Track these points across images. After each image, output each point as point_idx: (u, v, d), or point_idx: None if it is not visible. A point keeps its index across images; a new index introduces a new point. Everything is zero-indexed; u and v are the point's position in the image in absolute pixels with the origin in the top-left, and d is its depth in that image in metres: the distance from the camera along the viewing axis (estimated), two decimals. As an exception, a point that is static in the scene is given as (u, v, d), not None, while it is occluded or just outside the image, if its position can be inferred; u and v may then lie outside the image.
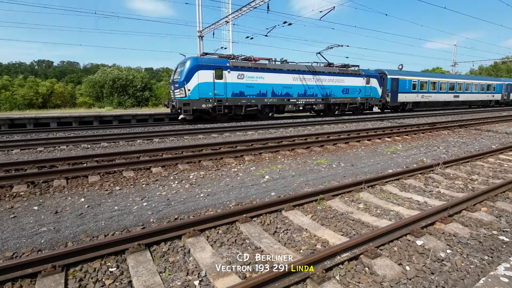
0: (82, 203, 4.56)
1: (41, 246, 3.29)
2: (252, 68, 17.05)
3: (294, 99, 18.67)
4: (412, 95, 25.65)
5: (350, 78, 21.23)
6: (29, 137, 10.87)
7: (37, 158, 7.39)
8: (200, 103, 15.55)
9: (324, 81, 19.83)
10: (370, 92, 22.47)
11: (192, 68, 15.32)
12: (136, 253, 3.03)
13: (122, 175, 5.91)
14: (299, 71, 18.72)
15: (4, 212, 4.19)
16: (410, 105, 25.92)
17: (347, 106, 21.61)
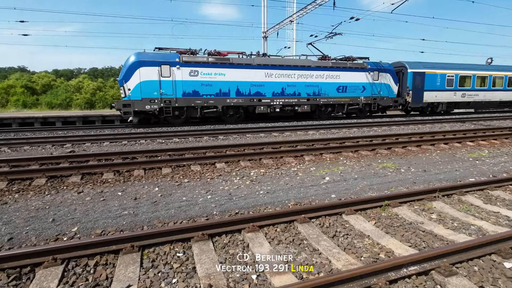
0: (156, 192, 5.08)
1: (123, 227, 3.78)
2: (209, 64, 14.78)
3: (268, 99, 15.98)
4: (446, 94, 20.12)
5: (348, 73, 17.41)
6: (116, 132, 12.52)
7: (122, 150, 8.47)
8: (143, 104, 13.89)
9: (310, 77, 16.61)
10: (379, 90, 18.19)
11: (133, 64, 13.62)
12: (200, 242, 3.27)
13: (190, 169, 6.40)
14: (274, 66, 15.94)
15: (96, 195, 4.92)
16: (444, 106, 20.64)
17: (344, 107, 17.85)
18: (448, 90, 20.18)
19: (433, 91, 19.70)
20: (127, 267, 2.85)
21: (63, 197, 4.84)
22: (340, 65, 17.35)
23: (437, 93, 19.83)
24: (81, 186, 5.39)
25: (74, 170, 5.94)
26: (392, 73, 18.59)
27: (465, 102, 21.14)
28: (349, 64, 17.63)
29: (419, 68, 19.29)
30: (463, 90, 20.74)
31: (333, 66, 17.18)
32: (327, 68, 17.00)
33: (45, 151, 8.65)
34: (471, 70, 21.02)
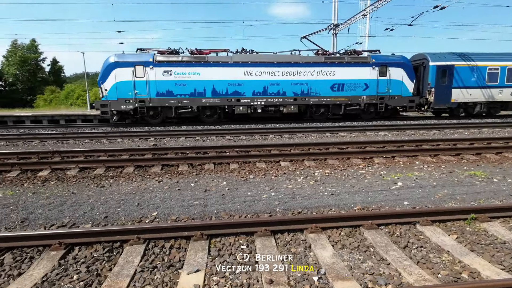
0: (224, 185, 5.40)
1: (194, 216, 4.13)
2: (182, 63, 14.56)
3: (247, 98, 15.11)
4: (487, 91, 16.10)
5: (346, 69, 15.28)
6: (190, 128, 13.65)
7: (195, 145, 9.20)
8: (119, 104, 14.36)
9: (298, 75, 15.15)
10: (388, 88, 15.56)
11: (108, 66, 14.20)
12: (263, 237, 3.37)
13: (256, 166, 6.61)
14: (254, 63, 14.90)
15: (173, 185, 5.47)
16: (484, 106, 16.42)
17: (341, 108, 15.81)
18: (490, 86, 16.13)
19: (466, 88, 15.97)
20: (196, 253, 3.11)
21: (146, 185, 5.51)
22: (335, 60, 15.44)
23: (472, 90, 16.06)
24: (161, 176, 6.05)
25: (156, 161, 6.70)
26: (406, 67, 15.70)
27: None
28: (348, 58, 15.52)
29: (446, 60, 15.92)
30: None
31: (326, 61, 15.36)
32: (319, 63, 15.25)
33: (134, 143, 9.95)
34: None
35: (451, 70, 15.88)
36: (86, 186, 5.47)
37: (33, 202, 4.68)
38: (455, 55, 16.33)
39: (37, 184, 5.62)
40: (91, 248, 3.24)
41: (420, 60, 16.63)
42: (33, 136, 11.20)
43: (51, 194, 5.05)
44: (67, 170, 6.31)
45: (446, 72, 15.88)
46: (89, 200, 4.76)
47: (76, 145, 9.70)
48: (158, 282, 2.69)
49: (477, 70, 16.03)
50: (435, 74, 15.82)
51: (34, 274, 2.81)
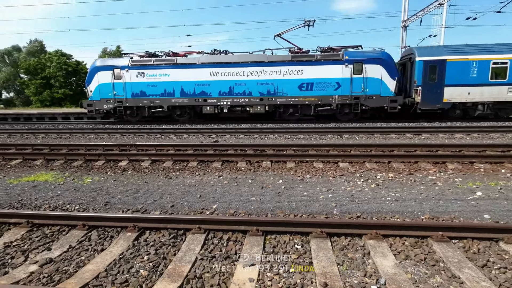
0: (280, 184, 5.44)
1: (250, 211, 4.26)
2: (154, 66, 15.37)
3: (214, 99, 15.28)
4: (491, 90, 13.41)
5: (315, 68, 14.28)
6: (250, 126, 14.03)
7: (254, 143, 9.44)
8: (102, 104, 15.89)
9: (263, 74, 14.71)
10: (364, 87, 14.14)
11: (92, 70, 15.81)
12: (318, 239, 3.31)
13: (313, 165, 6.50)
14: (220, 64, 14.96)
15: (232, 180, 5.72)
16: (488, 107, 13.65)
17: (311, 108, 14.82)
18: (496, 84, 13.34)
19: (463, 86, 13.57)
20: (252, 248, 3.21)
21: (207, 178, 5.86)
22: (303, 59, 14.58)
23: (471, 88, 13.55)
24: (221, 171, 6.37)
25: (217, 157, 7.07)
26: (385, 64, 14.02)
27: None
28: (318, 56, 14.55)
29: (436, 54, 13.67)
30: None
31: (293, 60, 14.63)
32: (286, 62, 14.61)
33: (197, 139, 10.65)
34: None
35: (443, 65, 13.66)
36: (157, 177, 6.05)
37: (114, 188, 5.38)
38: (448, 48, 14.14)
39: (118, 173, 6.42)
40: (159, 233, 3.60)
41: (408, 55, 14.82)
42: (115, 130, 12.81)
43: (128, 182, 5.73)
44: (141, 162, 7.07)
45: (436, 68, 13.74)
46: (159, 189, 5.26)
47: (149, 140, 10.79)
48: (216, 271, 2.85)
49: (478, 65, 13.47)
50: (422, 71, 13.89)
51: (113, 251, 3.23)
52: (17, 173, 6.58)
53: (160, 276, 2.78)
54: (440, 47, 14.71)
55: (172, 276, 2.74)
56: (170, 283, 2.64)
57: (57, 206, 4.58)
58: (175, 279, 2.70)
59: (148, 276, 2.79)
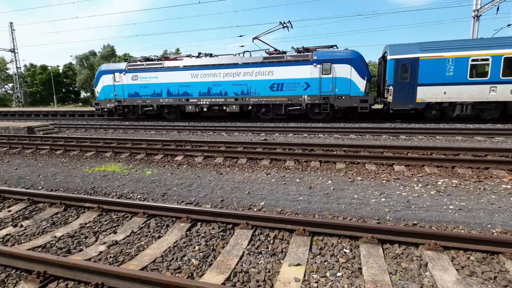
0: (329, 185, 5.31)
1: (297, 211, 4.23)
2: (145, 69, 17.12)
3: (195, 99, 16.62)
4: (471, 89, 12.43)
5: (285, 68, 14.84)
6: (299, 125, 13.90)
7: (302, 142, 9.33)
8: (105, 103, 18.37)
9: (238, 76, 15.63)
10: (333, 87, 14.38)
11: (98, 73, 18.40)
12: (369, 244, 3.16)
13: (365, 167, 6.20)
14: (199, 66, 16.28)
15: (280, 179, 5.74)
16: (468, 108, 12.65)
17: (282, 108, 15.46)
18: (476, 82, 12.51)
19: (438, 85, 12.92)
20: (298, 247, 3.20)
21: (256, 176, 5.97)
22: (273, 60, 15.12)
23: (447, 87, 12.83)
24: (269, 169, 6.44)
25: (265, 155, 7.16)
26: (355, 63, 13.98)
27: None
28: (287, 57, 14.96)
29: (408, 52, 13.16)
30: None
31: (264, 61, 15.23)
32: (257, 64, 15.24)
33: (247, 137, 10.89)
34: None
35: (415, 64, 13.04)
36: (208, 172, 6.36)
37: (171, 181, 5.79)
38: (423, 45, 13.30)
39: (174, 167, 6.90)
40: (209, 226, 3.78)
41: (383, 54, 14.20)
42: (172, 127, 13.74)
43: (183, 176, 6.12)
44: (195, 157, 7.49)
45: (408, 67, 13.17)
46: (210, 184, 5.53)
47: (203, 137, 11.36)
48: (261, 267, 2.91)
49: (455, 62, 12.58)
50: (394, 70, 13.36)
51: (168, 239, 3.49)
52: (91, 163, 7.47)
53: (209, 267, 2.93)
54: (414, 44, 13.67)
55: (220, 268, 2.87)
56: (218, 274, 2.77)
57: (123, 194, 5.11)
58: (223, 271, 2.82)
59: (198, 265, 2.97)
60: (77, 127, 15.27)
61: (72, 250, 3.33)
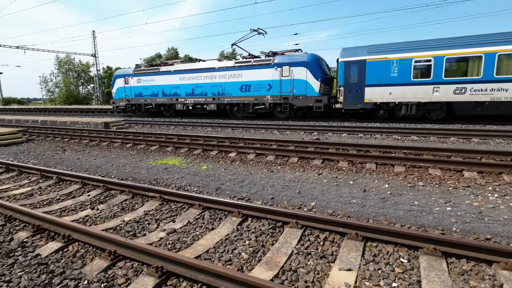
0: (385, 189, 4.99)
1: (350, 214, 4.08)
2: (146, 73, 20.25)
3: (183, 98, 18.98)
4: (414, 89, 12.74)
5: (252, 71, 16.40)
6: (354, 125, 13.30)
7: (357, 142, 8.92)
8: (119, 102, 22.21)
9: (215, 78, 17.71)
10: (291, 88, 15.39)
11: (114, 77, 22.47)
12: (430, 256, 2.90)
13: (428, 172, 5.68)
14: (186, 70, 18.73)
15: (332, 180, 5.58)
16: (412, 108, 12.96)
17: (250, 107, 17.04)
18: (419, 83, 12.65)
19: (384, 86, 13.20)
20: (349, 252, 3.09)
21: (307, 175, 5.90)
22: (242, 64, 16.94)
23: (392, 88, 13.09)
24: (321, 169, 6.30)
25: (317, 154, 7.02)
26: (310, 66, 15.08)
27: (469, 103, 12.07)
28: (253, 61, 16.70)
29: (357, 55, 13.75)
30: (460, 83, 11.93)
31: (235, 65, 17.06)
32: (229, 68, 17.13)
33: (299, 136, 10.79)
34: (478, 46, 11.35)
35: (362, 65, 13.79)
36: (260, 169, 6.48)
37: (224, 176, 6.05)
38: (371, 48, 13.97)
39: (228, 163, 7.18)
40: (259, 222, 3.87)
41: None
42: (227, 125, 14.28)
43: (235, 172, 6.34)
44: (247, 154, 7.69)
45: (356, 69, 13.92)
46: (261, 181, 5.63)
47: (255, 134, 11.58)
48: (310, 268, 2.88)
49: (399, 64, 13.12)
50: (344, 71, 14.25)
51: (221, 232, 3.67)
52: (155, 156, 8.18)
53: (258, 262, 3.00)
54: (364, 47, 14.23)
55: (269, 264, 2.92)
56: (267, 270, 2.82)
57: (181, 186, 5.50)
58: (271, 268, 2.87)
59: (248, 259, 3.06)
60: (144, 123, 16.83)
61: (137, 234, 3.70)
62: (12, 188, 5.66)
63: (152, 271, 2.74)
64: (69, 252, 3.28)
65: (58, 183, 5.81)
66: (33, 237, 3.63)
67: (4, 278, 2.80)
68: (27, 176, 6.35)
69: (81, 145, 10.35)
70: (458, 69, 12.43)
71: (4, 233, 3.77)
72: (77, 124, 15.74)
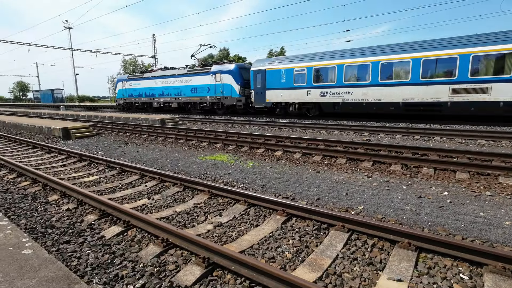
0: (444, 196, 4.56)
1: (402, 221, 3.82)
2: (135, 78, 27.35)
3: (157, 98, 25.27)
4: (296, 92, 16.71)
5: (198, 77, 21.62)
6: (409, 126, 12.36)
7: (413, 145, 8.28)
8: (120, 101, 29.22)
9: (176, 83, 23.26)
10: (222, 90, 20.18)
11: (116, 81, 29.85)
12: (497, 275, 2.59)
13: (497, 180, 5.05)
14: (158, 76, 24.90)
15: (382, 183, 5.28)
16: (295, 107, 17.19)
17: (197, 105, 22.43)
18: (298, 87, 16.61)
19: (277, 89, 17.40)
20: (400, 261, 2.90)
21: (355, 178, 5.66)
22: (192, 71, 22.29)
23: (282, 91, 17.25)
24: (371, 171, 6.00)
25: (367, 156, 6.69)
26: (233, 73, 19.56)
27: (329, 103, 15.87)
28: (198, 69, 22.02)
29: (260, 65, 18.14)
30: (324, 87, 15.73)
31: (187, 72, 22.54)
32: (184, 74, 22.79)
33: (348, 136, 10.38)
34: (336, 59, 15.29)
35: (263, 74, 17.82)
36: (306, 169, 6.40)
37: (270, 174, 6.10)
38: (270, 60, 18.67)
39: (273, 161, 7.22)
40: (304, 222, 3.83)
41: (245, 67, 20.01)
42: (274, 124, 14.33)
43: (281, 171, 6.35)
44: (293, 153, 7.64)
45: (260, 76, 17.98)
46: (307, 181, 5.56)
47: (302, 134, 11.44)
48: (356, 274, 2.77)
49: (286, 72, 16.98)
50: (253, 78, 18.40)
51: (265, 229, 3.72)
52: (205, 152, 8.58)
53: (301, 262, 2.98)
54: (267, 59, 19.29)
55: (312, 266, 2.89)
56: (310, 272, 2.79)
57: (228, 182, 5.69)
58: (315, 269, 2.83)
59: (291, 259, 3.06)
60: (196, 120, 17.73)
61: (187, 224, 3.94)
62: (83, 176, 6.42)
63: (199, 261, 2.90)
64: (128, 236, 3.63)
65: (121, 173, 6.43)
66: (99, 220, 4.08)
67: (75, 254, 3.20)
68: (96, 166, 7.15)
69: (140, 140, 11.29)
70: (322, 77, 16.00)
71: (77, 215, 4.31)
72: (137, 120, 17.19)
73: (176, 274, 2.82)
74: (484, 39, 11.76)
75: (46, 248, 3.28)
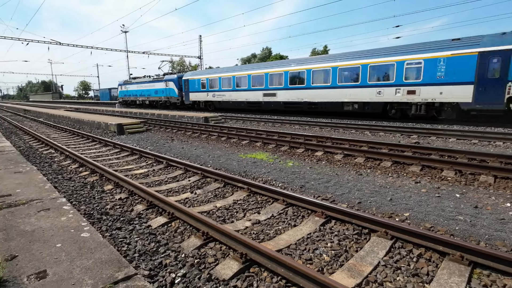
0: (506, 208, 4.10)
1: (454, 232, 3.52)
2: (128, 83, 37.01)
3: (138, 97, 34.82)
4: (202, 94, 25.82)
5: (158, 83, 30.96)
6: (466, 129, 11.28)
7: (469, 149, 7.55)
8: (120, 99, 39.26)
9: (147, 86, 32.64)
10: (169, 93, 29.37)
11: (118, 85, 40.09)
12: None
13: None
14: (139, 82, 34.40)
15: (432, 190, 4.91)
16: (202, 104, 26.36)
17: (158, 103, 31.75)
18: (203, 91, 25.53)
19: (194, 92, 26.38)
20: (450, 276, 2.68)
21: (401, 182, 5.34)
22: (155, 79, 31.56)
23: (196, 94, 26.27)
24: (419, 176, 5.61)
25: (416, 160, 6.26)
26: (175, 81, 28.52)
27: (216, 101, 24.75)
28: (158, 78, 31.25)
29: (189, 76, 27.23)
30: (213, 91, 24.59)
31: (152, 80, 31.94)
32: (151, 81, 32.14)
33: (395, 138, 9.81)
34: (219, 73, 24.28)
35: (187, 81, 27.00)
36: (347, 171, 6.19)
37: (309, 175, 6.01)
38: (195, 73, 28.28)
39: (313, 161, 7.10)
40: (343, 225, 3.72)
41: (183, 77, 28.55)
42: (315, 123, 14.07)
43: (321, 171, 6.22)
44: (334, 154, 7.44)
45: (187, 83, 27.09)
46: (348, 184, 5.37)
47: (344, 134, 11.07)
48: (399, 284, 2.63)
49: (197, 81, 25.97)
50: (183, 84, 27.58)
51: (303, 229, 3.68)
52: (245, 150, 8.74)
53: (340, 267, 2.90)
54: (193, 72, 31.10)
55: (351, 271, 2.80)
56: (349, 277, 2.71)
57: (267, 180, 5.73)
58: (354, 275, 2.74)
59: (329, 262, 2.99)
60: (237, 119, 18.11)
61: (226, 220, 4.06)
62: (134, 168, 6.94)
63: (237, 256, 2.97)
64: (172, 227, 3.85)
65: (167, 167, 6.83)
66: (147, 211, 4.38)
67: (125, 240, 3.49)
68: (145, 160, 7.68)
69: (185, 136, 11.86)
70: (212, 84, 24.73)
71: (127, 204, 4.68)
72: (183, 117, 18.07)
73: (214, 267, 2.92)
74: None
75: (101, 233, 3.62)
